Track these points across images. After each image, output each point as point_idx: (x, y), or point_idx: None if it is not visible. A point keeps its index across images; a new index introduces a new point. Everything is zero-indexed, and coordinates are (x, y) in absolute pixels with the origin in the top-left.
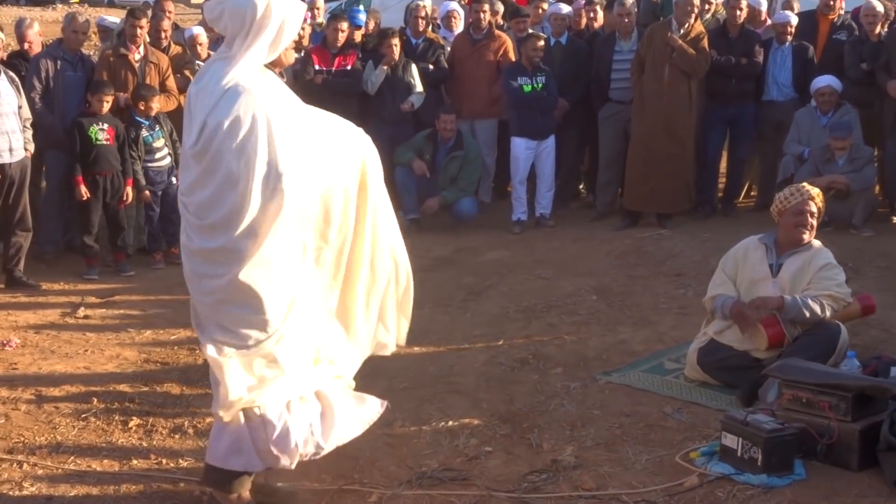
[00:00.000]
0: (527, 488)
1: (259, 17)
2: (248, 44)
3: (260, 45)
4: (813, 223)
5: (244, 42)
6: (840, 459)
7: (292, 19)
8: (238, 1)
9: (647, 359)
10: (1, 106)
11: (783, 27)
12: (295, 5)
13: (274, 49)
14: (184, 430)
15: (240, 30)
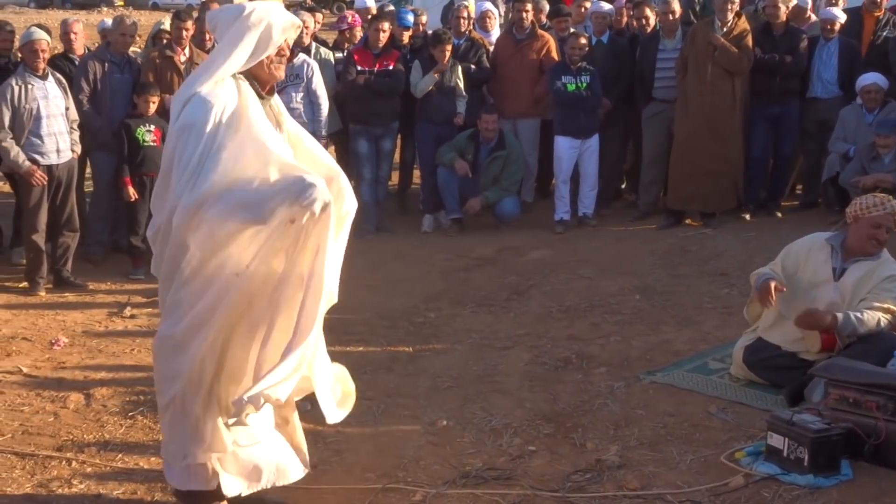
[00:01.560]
0: (571, 488)
1: (241, 25)
2: (229, 45)
3: (241, 49)
4: (886, 238)
5: (226, 46)
6: (888, 460)
7: (278, 27)
8: (230, 8)
9: (691, 358)
10: (49, 108)
11: (829, 23)
12: (281, 15)
13: (255, 56)
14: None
15: (225, 33)
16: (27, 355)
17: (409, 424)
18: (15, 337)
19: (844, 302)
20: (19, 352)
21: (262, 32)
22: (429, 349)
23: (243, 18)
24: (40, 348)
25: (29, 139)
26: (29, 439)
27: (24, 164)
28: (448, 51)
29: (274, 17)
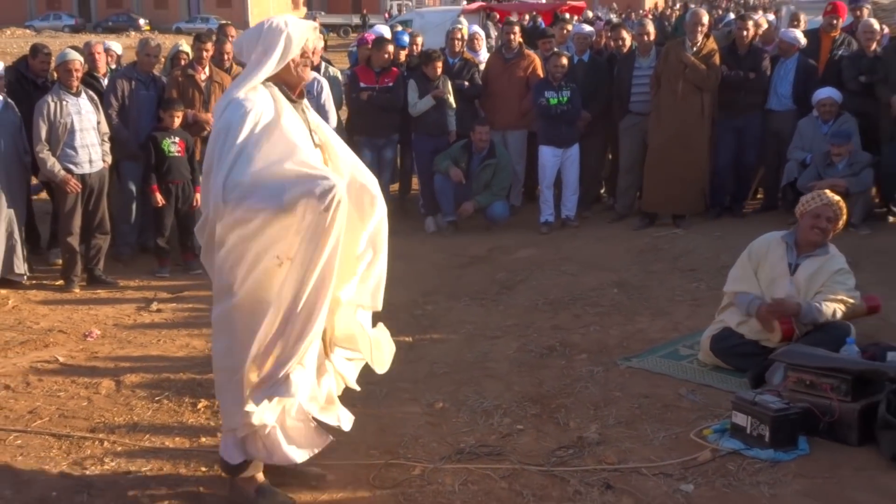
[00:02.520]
0: (555, 462)
1: (266, 37)
2: (259, 57)
3: (269, 56)
4: (828, 227)
5: (256, 57)
6: (841, 436)
7: (297, 30)
8: (250, 29)
9: (664, 345)
10: (82, 122)
11: (789, 45)
12: (298, 20)
13: (282, 60)
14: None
15: (253, 48)
16: (63, 346)
17: (409, 406)
18: (52, 330)
19: (800, 294)
20: (56, 343)
21: (285, 37)
22: (427, 338)
23: (265, 30)
24: (75, 340)
25: (64, 150)
26: (64, 422)
27: (59, 173)
28: (439, 67)
29: (292, 22)
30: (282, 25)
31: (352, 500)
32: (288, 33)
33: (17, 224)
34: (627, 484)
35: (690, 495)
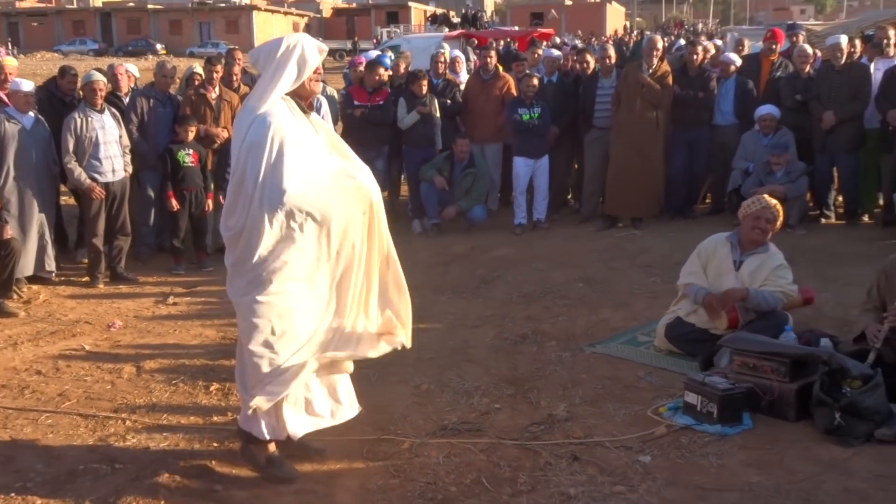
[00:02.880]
0: (528, 437)
1: (283, 52)
2: (274, 74)
3: (287, 73)
4: (767, 228)
5: (272, 74)
6: (780, 413)
7: (310, 53)
8: (268, 44)
9: (624, 333)
10: (105, 136)
11: (727, 66)
12: (311, 41)
13: (299, 77)
14: None
15: (269, 64)
16: (89, 336)
17: (398, 388)
18: (79, 321)
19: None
20: (82, 333)
21: (300, 57)
22: (414, 328)
23: (283, 49)
24: (99, 330)
25: (89, 161)
26: (91, 403)
27: (85, 182)
28: (424, 85)
29: (307, 43)
30: (300, 46)
31: (348, 470)
32: (304, 54)
33: (48, 226)
34: (592, 455)
35: (648, 465)
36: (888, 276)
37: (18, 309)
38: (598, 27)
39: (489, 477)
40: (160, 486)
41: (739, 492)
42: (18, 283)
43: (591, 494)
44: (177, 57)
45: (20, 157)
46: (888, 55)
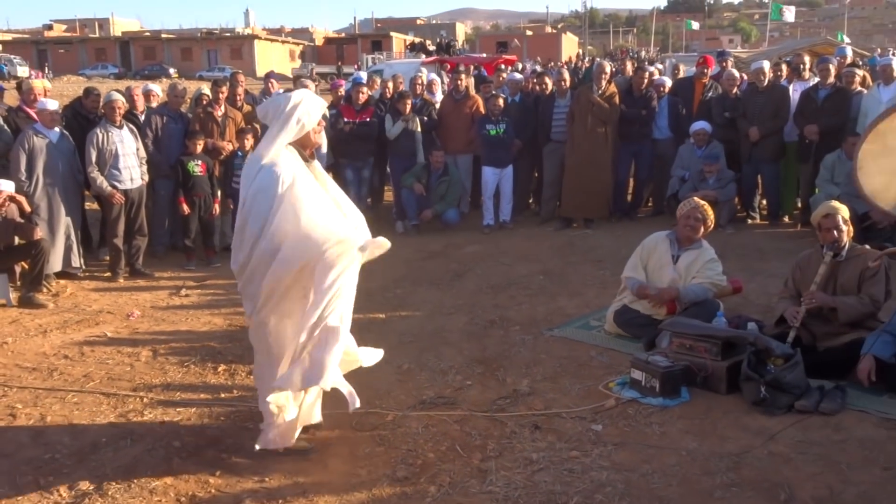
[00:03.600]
0: (496, 409)
1: (289, 107)
2: (281, 126)
3: (291, 125)
4: (697, 225)
5: (279, 126)
6: (713, 387)
7: (313, 109)
8: (276, 98)
9: (578, 319)
10: (124, 149)
11: (660, 87)
12: (315, 98)
13: (302, 130)
14: None
15: (277, 118)
16: (110, 324)
17: (382, 367)
18: (101, 311)
19: (681, 279)
20: (105, 322)
21: (304, 112)
22: (396, 315)
23: (290, 104)
24: (120, 319)
25: (110, 171)
26: (112, 383)
27: (107, 189)
28: (409, 104)
29: (310, 100)
30: (304, 102)
31: (338, 439)
32: (308, 109)
33: (73, 228)
34: (551, 425)
35: (599, 433)
36: (802, 268)
37: (48, 301)
38: (555, 54)
39: (462, 444)
40: (174, 455)
41: (678, 455)
42: (48, 278)
43: (551, 459)
44: (188, 80)
45: (48, 168)
46: (804, 78)
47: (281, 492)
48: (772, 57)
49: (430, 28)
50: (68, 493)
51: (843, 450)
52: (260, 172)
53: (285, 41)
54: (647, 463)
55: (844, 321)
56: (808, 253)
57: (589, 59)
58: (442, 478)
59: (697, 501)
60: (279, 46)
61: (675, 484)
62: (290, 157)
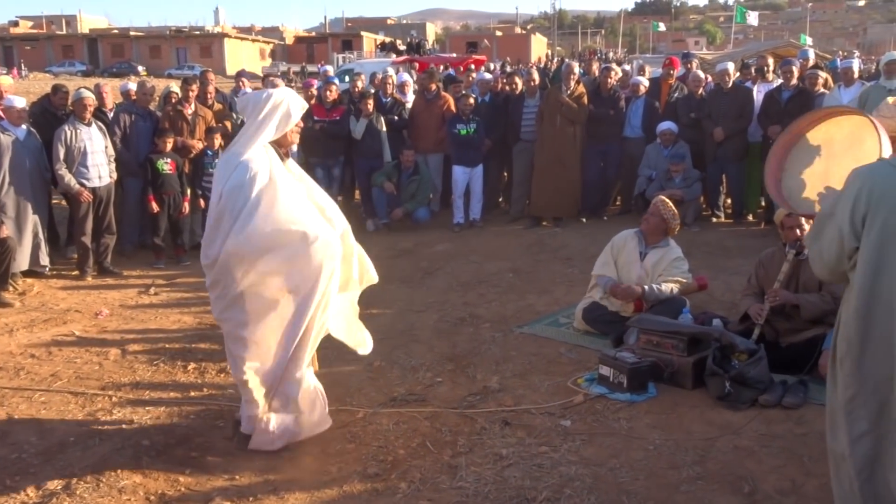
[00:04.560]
0: (466, 406)
1: (270, 107)
2: (260, 125)
3: (271, 124)
4: (651, 220)
5: (258, 124)
6: (679, 382)
7: (294, 110)
8: (257, 95)
9: (548, 316)
10: (92, 146)
11: (636, 87)
12: (296, 99)
13: (281, 130)
14: (226, 371)
15: (255, 115)
16: (79, 323)
17: (353, 365)
18: (69, 310)
19: (648, 276)
20: (73, 320)
21: (284, 113)
22: (367, 313)
23: (270, 103)
24: (88, 317)
25: (78, 169)
26: (80, 382)
27: (74, 187)
28: (370, 103)
29: (292, 101)
30: (285, 103)
31: (310, 437)
32: (289, 110)
33: (41, 226)
34: (521, 421)
35: (568, 428)
36: (765, 266)
37: (14, 300)
38: (524, 55)
39: (433, 441)
40: (143, 453)
41: (645, 450)
42: (14, 276)
43: (520, 454)
44: (156, 78)
45: (15, 165)
46: (768, 80)
47: (251, 490)
48: (736, 59)
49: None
50: (35, 493)
51: (805, 443)
52: (237, 169)
53: (255, 40)
54: (614, 457)
55: (807, 318)
56: (771, 251)
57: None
58: (412, 474)
59: (664, 495)
60: (249, 45)
61: (642, 478)
62: (267, 156)
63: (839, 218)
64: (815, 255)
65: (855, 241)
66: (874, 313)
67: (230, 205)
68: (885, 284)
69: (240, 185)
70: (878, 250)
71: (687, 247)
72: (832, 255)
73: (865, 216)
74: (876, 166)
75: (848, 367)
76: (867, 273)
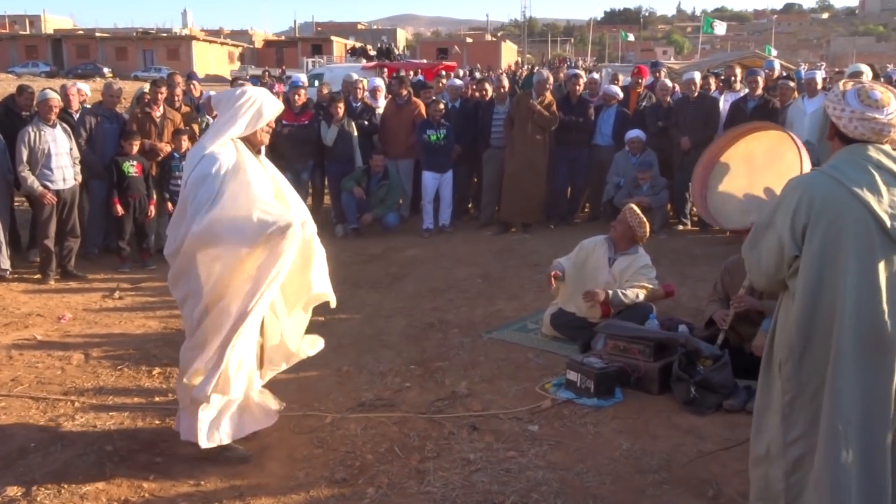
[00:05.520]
0: (434, 410)
1: (241, 102)
2: (230, 119)
3: (241, 121)
4: (618, 227)
5: (228, 118)
6: (646, 387)
7: (266, 109)
8: (231, 91)
9: (516, 321)
10: (57, 148)
11: (610, 97)
12: (270, 99)
13: (251, 127)
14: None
15: (227, 109)
16: (40, 327)
17: (321, 370)
18: (31, 314)
19: (616, 281)
20: (34, 324)
21: (256, 111)
22: (336, 318)
23: (243, 100)
24: (50, 322)
25: (42, 171)
26: (42, 387)
27: (38, 189)
28: (341, 106)
29: (265, 100)
30: (259, 101)
31: (278, 442)
32: (261, 109)
33: (2, 228)
34: (489, 426)
35: (535, 433)
36: (730, 273)
37: None
38: (495, 61)
39: (401, 446)
40: (106, 459)
41: (612, 454)
42: None
43: (488, 459)
44: (123, 80)
45: None
46: (735, 89)
47: (217, 495)
48: (703, 68)
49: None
50: None
51: None
52: (202, 161)
53: (224, 43)
54: (581, 462)
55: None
56: (736, 258)
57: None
58: (380, 479)
59: (630, 499)
60: (218, 48)
61: (608, 482)
62: (236, 149)
63: (779, 227)
64: (753, 263)
65: (796, 250)
66: (815, 320)
67: (192, 194)
68: (826, 292)
69: (204, 175)
70: (820, 259)
71: (654, 254)
72: (770, 264)
73: (806, 226)
74: (813, 177)
75: (788, 372)
76: (809, 281)
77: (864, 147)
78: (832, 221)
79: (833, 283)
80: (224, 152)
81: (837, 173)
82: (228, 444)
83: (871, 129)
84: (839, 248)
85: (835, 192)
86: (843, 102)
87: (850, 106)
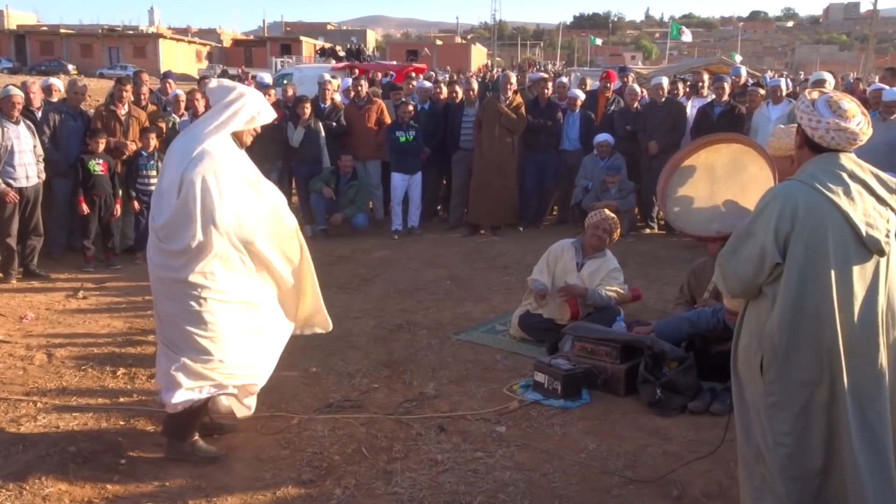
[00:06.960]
0: (402, 412)
1: (243, 100)
2: (231, 115)
3: (238, 119)
4: (604, 236)
5: (229, 113)
6: (612, 389)
7: (263, 116)
8: (234, 85)
9: (484, 323)
10: (20, 145)
11: (573, 100)
12: (267, 107)
13: (247, 125)
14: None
15: (229, 104)
16: (2, 327)
17: (289, 371)
18: None
19: (585, 286)
20: None
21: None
22: None
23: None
24: (12, 321)
25: (4, 168)
26: (3, 387)
27: (0, 186)
28: (307, 108)
29: (265, 107)
30: (260, 104)
31: (244, 442)
32: (261, 113)
33: None
34: (457, 427)
35: (503, 434)
36: (696, 276)
37: None
38: (465, 64)
39: (368, 447)
40: (69, 460)
41: (578, 455)
42: None
43: (456, 459)
44: (88, 77)
45: None
46: (702, 95)
47: (182, 496)
48: (670, 74)
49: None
50: None
51: (732, 448)
52: (204, 155)
53: (192, 41)
54: (548, 463)
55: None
56: (702, 261)
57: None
58: (347, 480)
59: (596, 499)
60: (185, 46)
61: (574, 483)
62: (227, 143)
63: (760, 237)
64: (730, 271)
65: (779, 258)
66: (801, 324)
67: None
68: (810, 297)
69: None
70: (804, 266)
71: (621, 257)
72: (749, 272)
73: (789, 234)
74: (793, 186)
75: (773, 374)
76: (793, 287)
77: (836, 156)
78: (815, 228)
79: (817, 287)
80: (220, 147)
81: (815, 182)
82: (200, 443)
83: (845, 139)
84: (822, 253)
85: (815, 200)
86: (817, 113)
87: (825, 117)
